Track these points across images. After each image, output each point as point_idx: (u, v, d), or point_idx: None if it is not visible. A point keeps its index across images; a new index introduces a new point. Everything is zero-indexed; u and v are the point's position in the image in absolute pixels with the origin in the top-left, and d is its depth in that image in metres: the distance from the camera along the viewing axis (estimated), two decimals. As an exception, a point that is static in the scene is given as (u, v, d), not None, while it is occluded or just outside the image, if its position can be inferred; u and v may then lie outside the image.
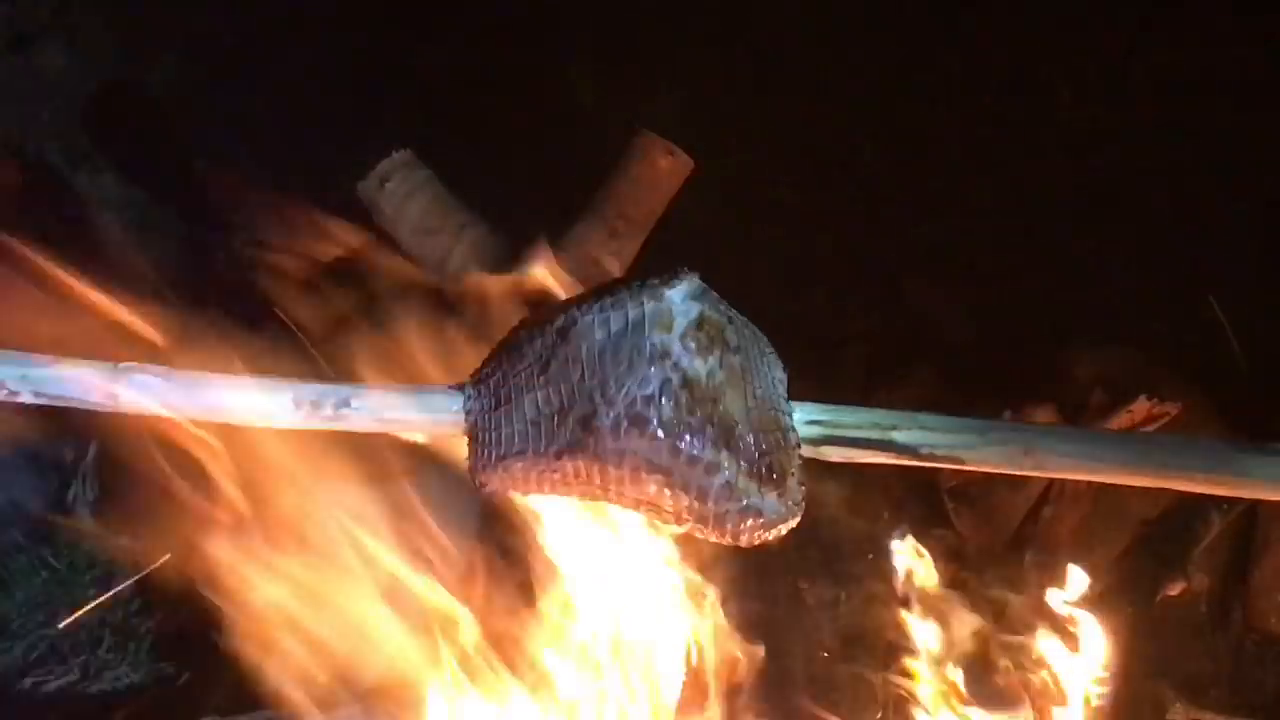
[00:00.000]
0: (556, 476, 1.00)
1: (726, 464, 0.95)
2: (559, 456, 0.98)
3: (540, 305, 1.66)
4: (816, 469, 1.04)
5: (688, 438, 0.95)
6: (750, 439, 0.97)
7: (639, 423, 0.94)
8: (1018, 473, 0.99)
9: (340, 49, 3.01)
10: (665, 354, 0.96)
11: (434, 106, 2.73)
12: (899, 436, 0.98)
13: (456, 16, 2.87)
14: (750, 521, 0.96)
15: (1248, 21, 2.03)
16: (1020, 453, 0.96)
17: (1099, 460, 0.95)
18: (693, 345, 0.97)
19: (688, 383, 0.96)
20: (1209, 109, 2.07)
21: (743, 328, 1.03)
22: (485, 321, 1.72)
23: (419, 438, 1.21)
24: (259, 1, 2.99)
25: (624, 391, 0.95)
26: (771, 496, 0.96)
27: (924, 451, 0.98)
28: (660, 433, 0.94)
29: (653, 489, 0.96)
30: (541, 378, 1.01)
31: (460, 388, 1.04)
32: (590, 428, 0.95)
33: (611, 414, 0.95)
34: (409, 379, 1.30)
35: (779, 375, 1.06)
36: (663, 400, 0.94)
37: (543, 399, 1.00)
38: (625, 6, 2.58)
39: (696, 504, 0.96)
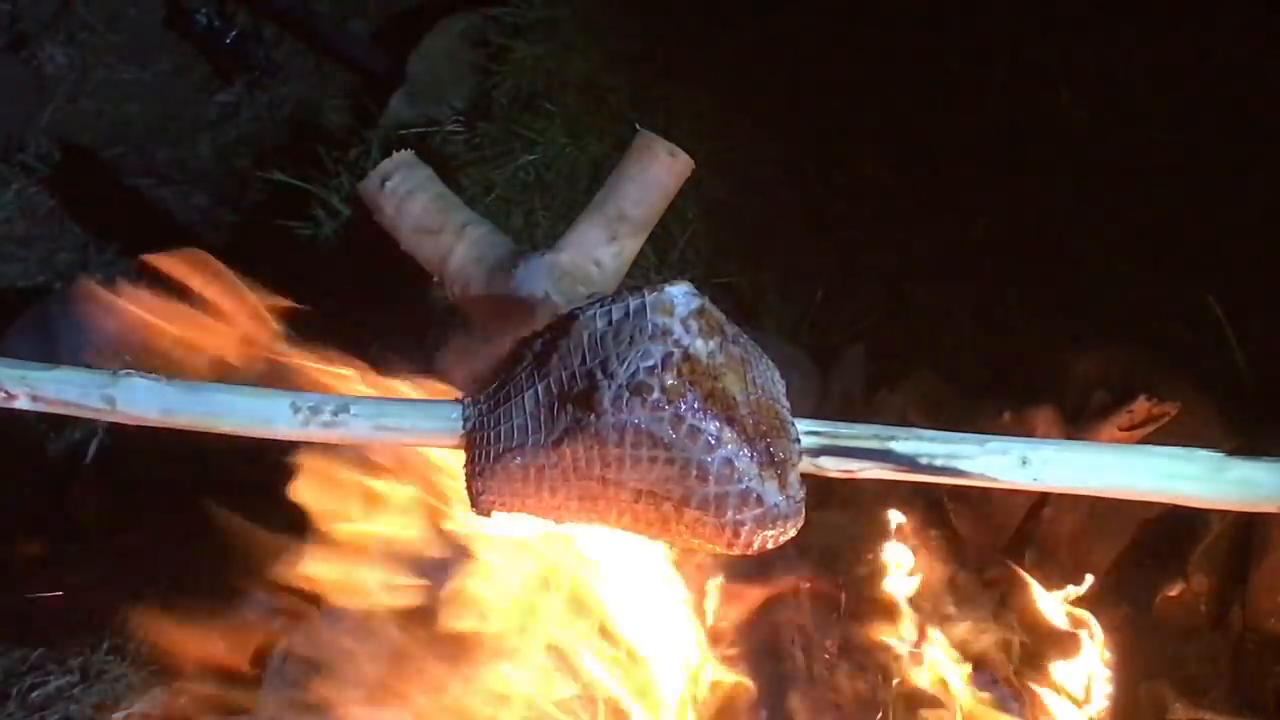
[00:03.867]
0: (556, 471, 1.00)
1: (728, 439, 0.95)
2: (559, 443, 0.98)
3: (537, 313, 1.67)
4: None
5: (690, 407, 0.95)
6: (751, 421, 0.97)
7: (641, 391, 0.94)
8: (1017, 485, 0.99)
9: (342, 45, 3.01)
10: (667, 332, 0.96)
11: (435, 104, 2.73)
12: (897, 447, 0.99)
13: (458, 14, 2.87)
14: (751, 511, 0.96)
15: (1249, 21, 2.03)
16: (1019, 462, 0.96)
17: (1097, 471, 0.95)
18: (694, 327, 0.97)
19: (689, 358, 0.96)
20: (1209, 109, 2.07)
21: (741, 334, 1.04)
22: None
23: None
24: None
25: (625, 364, 0.95)
26: (772, 484, 0.97)
27: (923, 462, 0.98)
28: (662, 400, 0.94)
29: (654, 469, 0.96)
30: (541, 371, 1.01)
31: (461, 399, 1.05)
32: (591, 402, 0.96)
33: (613, 386, 0.95)
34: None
35: (778, 378, 1.06)
36: (665, 371, 0.95)
37: (543, 390, 1.01)
38: (625, 6, 2.58)
39: (697, 484, 0.96)
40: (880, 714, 1.63)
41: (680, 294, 1.00)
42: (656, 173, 1.87)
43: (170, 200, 2.93)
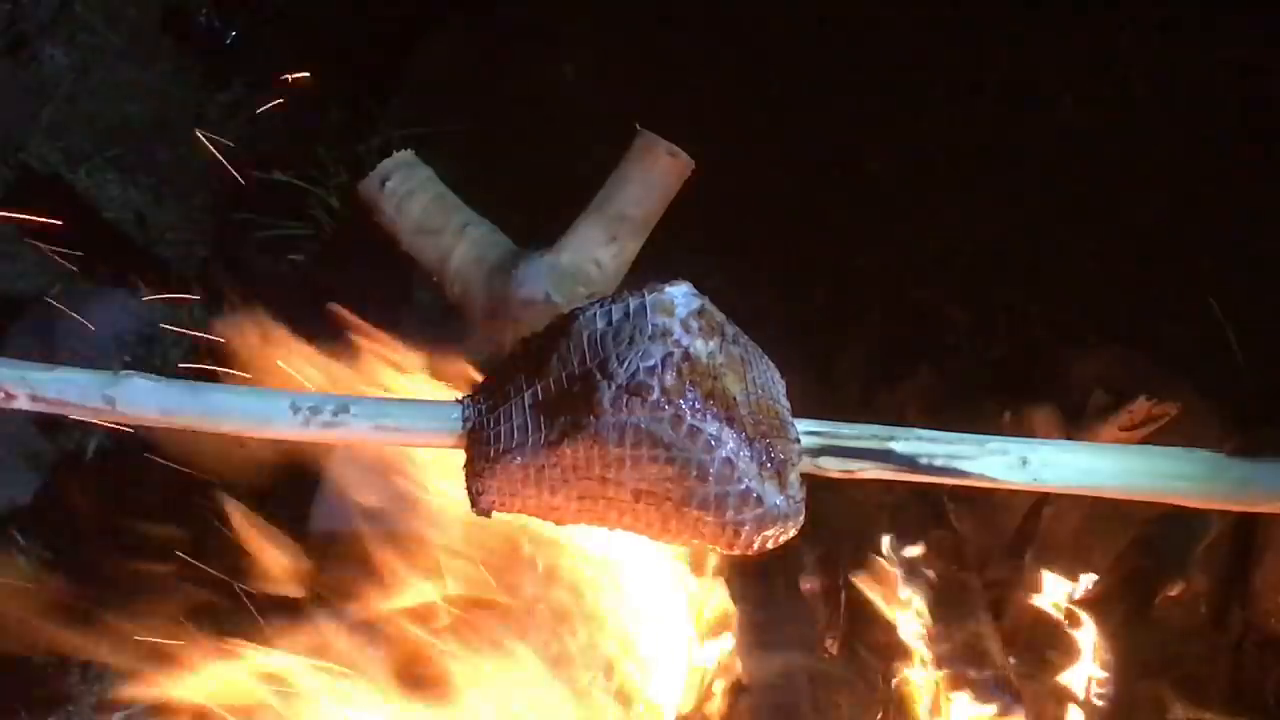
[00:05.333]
0: (556, 472, 1.00)
1: (728, 439, 0.95)
2: (558, 444, 0.98)
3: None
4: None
5: (690, 406, 0.95)
6: (751, 421, 0.97)
7: (641, 391, 0.94)
8: (1017, 485, 0.99)
9: (342, 46, 3.01)
10: (667, 332, 0.96)
11: (435, 105, 2.73)
12: (897, 447, 0.99)
13: (456, 14, 2.87)
14: (750, 511, 0.96)
15: (1249, 21, 2.03)
16: (1019, 462, 0.96)
17: (1097, 471, 0.95)
18: (695, 326, 0.97)
19: (689, 358, 0.96)
20: (1209, 109, 2.07)
21: (741, 334, 1.04)
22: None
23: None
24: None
25: (625, 365, 0.95)
26: (772, 484, 0.96)
27: (923, 462, 0.98)
28: (662, 401, 0.94)
29: (654, 469, 0.96)
30: (541, 371, 1.01)
31: (460, 399, 1.05)
32: (591, 403, 0.95)
33: (613, 386, 0.95)
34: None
35: (778, 378, 1.06)
36: (665, 371, 0.95)
37: (542, 390, 1.00)
38: (626, 7, 2.58)
39: (697, 484, 0.96)
40: (880, 714, 1.63)
41: (680, 294, 1.00)
42: (656, 173, 1.87)
43: (170, 200, 2.93)
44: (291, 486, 1.75)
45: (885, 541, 1.83)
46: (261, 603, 1.65)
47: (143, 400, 1.03)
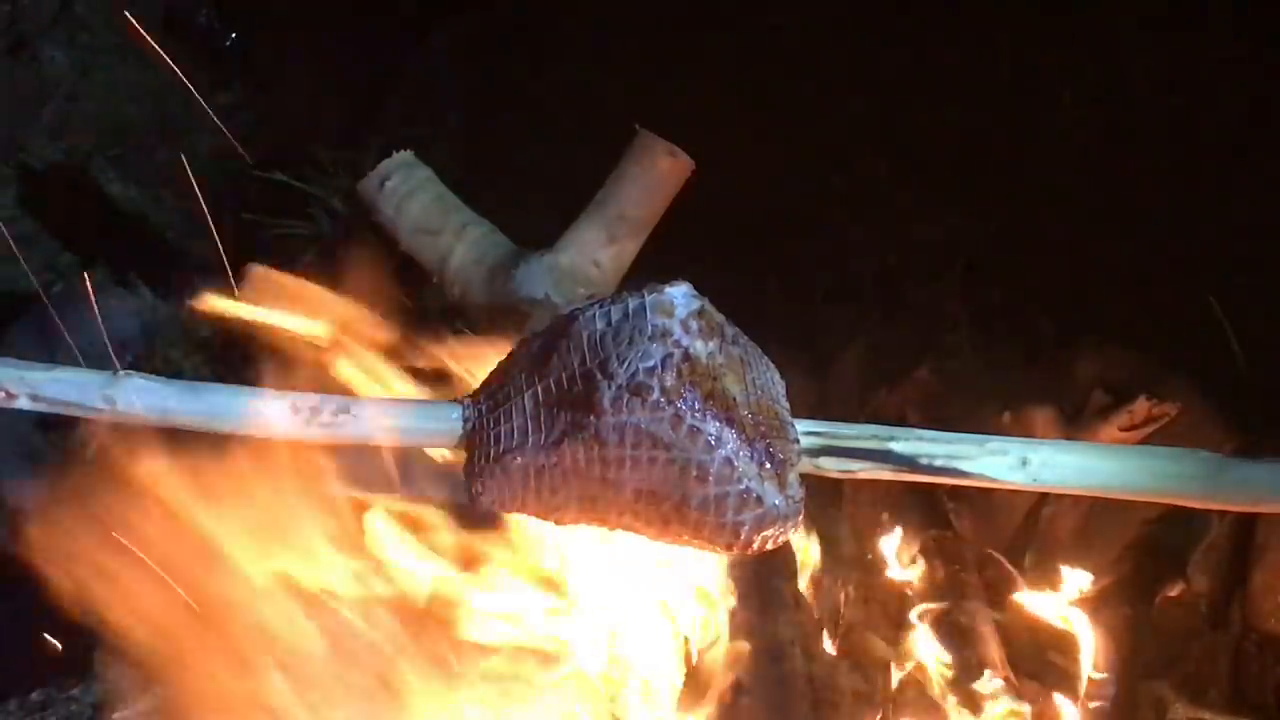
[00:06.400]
0: (556, 472, 1.00)
1: (728, 440, 0.95)
2: (559, 444, 0.98)
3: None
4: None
5: (689, 408, 0.95)
6: (750, 421, 0.97)
7: (641, 391, 0.95)
8: (1017, 485, 0.99)
9: (341, 47, 3.01)
10: (667, 333, 0.96)
11: (435, 105, 2.73)
12: (897, 447, 0.99)
13: (456, 14, 2.87)
14: (750, 511, 0.96)
15: (1249, 21, 2.02)
16: (1018, 462, 0.96)
17: (1097, 471, 0.95)
18: (694, 327, 0.98)
19: (689, 358, 0.96)
20: (1209, 109, 2.07)
21: (741, 335, 1.04)
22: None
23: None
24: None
25: (625, 365, 0.96)
26: (772, 485, 0.97)
27: (923, 462, 0.98)
28: (662, 401, 0.94)
29: (654, 470, 0.96)
30: (541, 372, 1.02)
31: (461, 400, 1.05)
32: (591, 403, 0.96)
33: (613, 386, 0.95)
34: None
35: (778, 379, 1.06)
36: (664, 372, 0.95)
37: (542, 391, 1.01)
38: (627, 7, 2.58)
39: (697, 485, 0.96)
40: (880, 714, 1.63)
41: (680, 295, 1.00)
42: (656, 173, 1.87)
43: (170, 200, 2.93)
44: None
45: (885, 541, 1.83)
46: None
47: (142, 400, 1.04)
